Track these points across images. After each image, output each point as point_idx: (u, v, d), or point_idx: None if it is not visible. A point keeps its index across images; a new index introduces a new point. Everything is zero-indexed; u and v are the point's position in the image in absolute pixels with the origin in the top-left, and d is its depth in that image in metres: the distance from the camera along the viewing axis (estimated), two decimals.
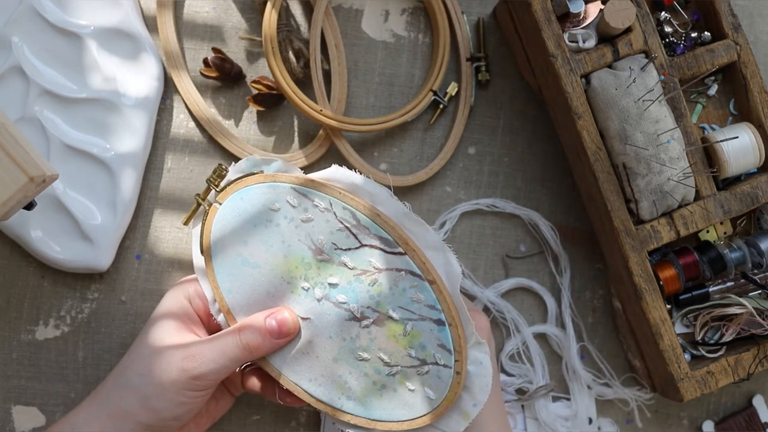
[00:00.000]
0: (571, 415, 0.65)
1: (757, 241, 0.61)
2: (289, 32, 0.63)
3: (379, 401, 0.54)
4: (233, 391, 0.60)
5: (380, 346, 0.54)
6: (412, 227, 0.54)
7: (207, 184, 0.56)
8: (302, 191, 0.54)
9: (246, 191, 0.55)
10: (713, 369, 0.60)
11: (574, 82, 0.58)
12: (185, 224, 0.58)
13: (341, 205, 0.53)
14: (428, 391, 0.54)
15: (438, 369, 0.53)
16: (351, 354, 0.54)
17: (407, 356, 0.54)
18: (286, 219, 0.54)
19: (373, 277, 0.53)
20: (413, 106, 0.64)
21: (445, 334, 0.53)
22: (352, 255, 0.54)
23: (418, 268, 0.53)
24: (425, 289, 0.53)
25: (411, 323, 0.53)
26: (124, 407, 0.53)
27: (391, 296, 0.53)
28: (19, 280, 0.64)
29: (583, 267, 0.67)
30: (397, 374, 0.54)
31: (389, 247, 0.53)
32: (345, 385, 0.55)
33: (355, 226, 0.53)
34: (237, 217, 0.55)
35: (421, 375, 0.54)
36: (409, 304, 0.53)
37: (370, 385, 0.54)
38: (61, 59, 0.61)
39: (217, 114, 0.65)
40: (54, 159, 0.61)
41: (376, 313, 0.54)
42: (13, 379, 0.64)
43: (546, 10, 0.58)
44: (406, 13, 0.67)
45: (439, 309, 0.53)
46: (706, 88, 0.64)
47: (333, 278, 0.54)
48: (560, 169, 0.67)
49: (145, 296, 0.65)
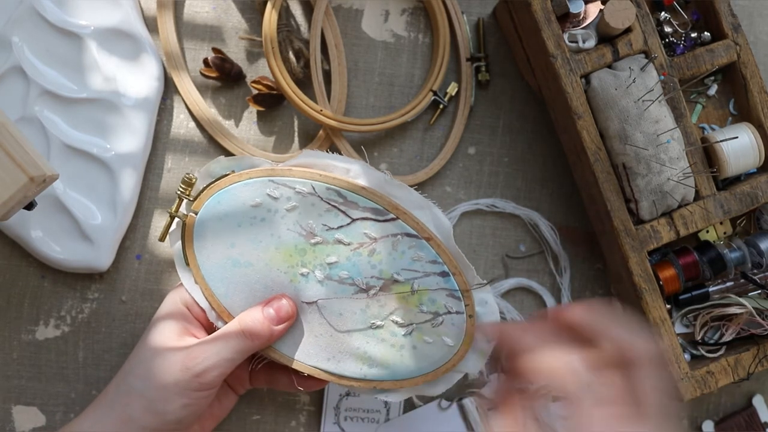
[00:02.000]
0: None
1: (757, 241, 0.61)
2: (289, 32, 0.63)
3: (401, 361, 0.56)
4: (238, 390, 0.60)
5: (392, 310, 0.55)
6: (395, 192, 0.55)
7: (177, 195, 0.55)
8: (281, 182, 0.54)
9: (222, 194, 0.55)
10: (713, 369, 0.60)
11: (574, 82, 0.58)
12: (161, 240, 0.57)
13: (324, 186, 0.54)
14: (446, 340, 0.55)
15: (451, 317, 0.55)
16: (364, 324, 0.55)
17: (419, 312, 0.55)
18: (270, 212, 0.54)
19: (370, 247, 0.54)
20: (413, 106, 0.64)
21: (451, 284, 0.55)
22: (346, 231, 0.54)
23: (412, 229, 0.54)
24: (424, 247, 0.54)
25: (417, 281, 0.55)
26: (128, 413, 0.53)
27: (392, 261, 0.55)
28: (19, 280, 0.64)
29: (583, 267, 0.67)
30: (414, 332, 0.55)
31: (380, 215, 0.54)
32: (365, 355, 0.56)
33: (343, 203, 0.54)
34: (218, 222, 0.55)
35: (436, 326, 0.55)
36: (412, 264, 0.55)
37: (389, 348, 0.56)
38: (62, 59, 0.61)
39: (217, 114, 0.65)
40: (54, 159, 0.61)
41: (381, 280, 0.55)
42: (14, 379, 0.64)
43: (546, 11, 0.58)
44: (406, 13, 0.67)
45: (441, 262, 0.55)
46: (706, 88, 0.64)
47: (331, 257, 0.55)
48: (560, 169, 0.67)
49: (145, 296, 0.65)
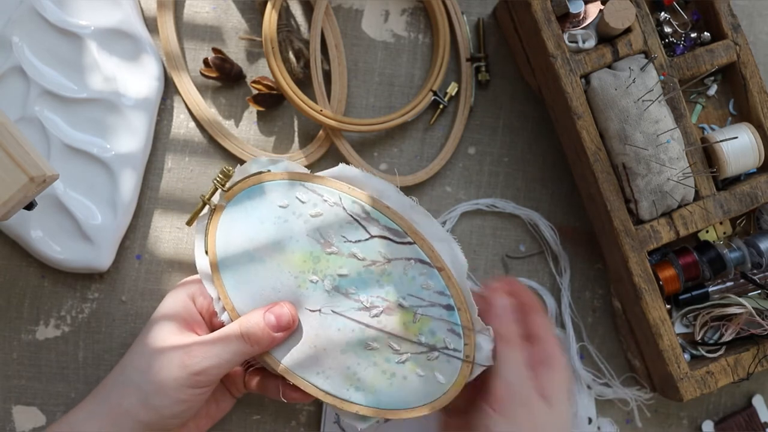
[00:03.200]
0: (571, 414, 0.65)
1: (757, 241, 0.61)
2: (289, 32, 0.63)
3: (388, 389, 0.55)
4: (234, 393, 0.60)
5: (390, 335, 0.54)
6: (419, 219, 0.55)
7: (213, 184, 0.56)
8: (311, 187, 0.55)
9: (253, 190, 0.55)
10: (713, 369, 0.60)
11: (574, 82, 0.58)
12: (188, 224, 0.58)
13: (350, 199, 0.54)
14: (438, 376, 0.54)
15: (448, 353, 0.54)
16: (360, 344, 0.55)
17: (417, 343, 0.54)
18: (294, 215, 0.55)
19: (382, 267, 0.54)
20: (413, 106, 0.64)
21: (454, 319, 0.54)
22: (362, 246, 0.54)
23: (426, 256, 0.54)
24: (434, 276, 0.54)
25: (421, 309, 0.54)
26: (125, 406, 0.53)
27: (401, 284, 0.54)
28: (19, 280, 0.64)
29: (583, 267, 0.67)
30: (407, 361, 0.54)
31: (398, 237, 0.54)
32: (354, 376, 0.55)
33: (365, 218, 0.54)
34: (244, 216, 0.55)
35: (431, 360, 0.54)
36: (419, 291, 0.54)
37: (379, 374, 0.55)
38: (62, 59, 0.61)
39: (218, 114, 0.65)
40: (54, 159, 0.61)
41: (386, 302, 0.54)
42: (14, 379, 0.64)
43: (546, 11, 0.58)
44: (406, 13, 0.67)
45: (448, 294, 0.54)
46: (706, 88, 0.64)
47: (343, 269, 0.55)
48: (560, 169, 0.67)
49: (146, 296, 0.65)
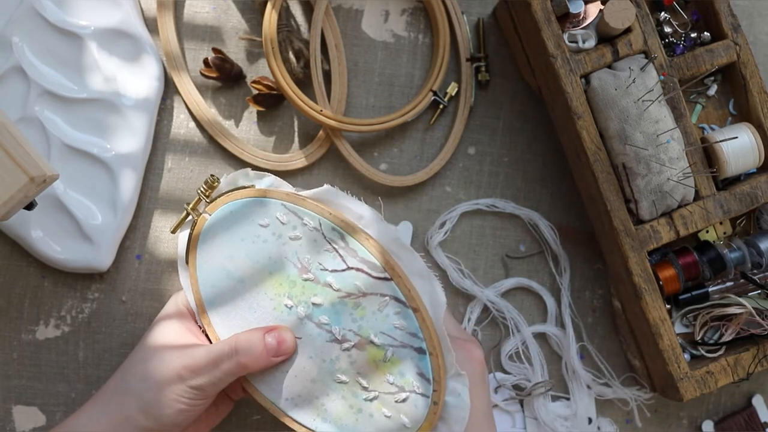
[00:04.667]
0: (571, 414, 0.65)
1: (757, 241, 0.61)
2: (289, 32, 0.63)
3: (354, 425, 0.54)
4: (232, 396, 0.60)
5: (359, 371, 0.53)
6: (400, 253, 0.53)
7: (197, 194, 0.55)
8: (292, 209, 0.53)
9: (236, 204, 0.54)
10: (713, 369, 0.60)
11: (574, 82, 0.58)
12: (173, 232, 0.57)
13: (330, 225, 0.53)
14: (404, 419, 0.53)
15: (416, 397, 0.52)
16: (330, 376, 0.54)
17: (386, 382, 0.53)
18: (274, 235, 0.54)
19: (357, 300, 0.53)
20: (413, 106, 0.64)
21: (425, 363, 0.52)
22: (338, 277, 0.53)
23: (402, 295, 0.52)
24: (408, 317, 0.52)
25: (392, 349, 0.52)
26: (125, 412, 0.54)
27: (374, 321, 0.53)
28: (19, 280, 0.64)
29: (583, 267, 0.67)
30: (375, 400, 0.53)
31: (375, 271, 0.52)
32: (321, 407, 0.54)
33: (343, 248, 0.53)
34: (225, 230, 0.55)
35: (398, 402, 0.53)
36: (392, 330, 0.52)
37: (346, 408, 0.54)
38: (62, 59, 0.61)
39: (218, 114, 0.65)
40: (54, 159, 0.61)
41: (358, 336, 0.53)
42: (14, 378, 0.64)
43: (546, 11, 0.58)
44: (406, 13, 0.67)
45: (420, 337, 0.52)
46: (706, 88, 0.64)
47: (317, 298, 0.53)
48: (560, 169, 0.67)
49: (146, 296, 0.65)
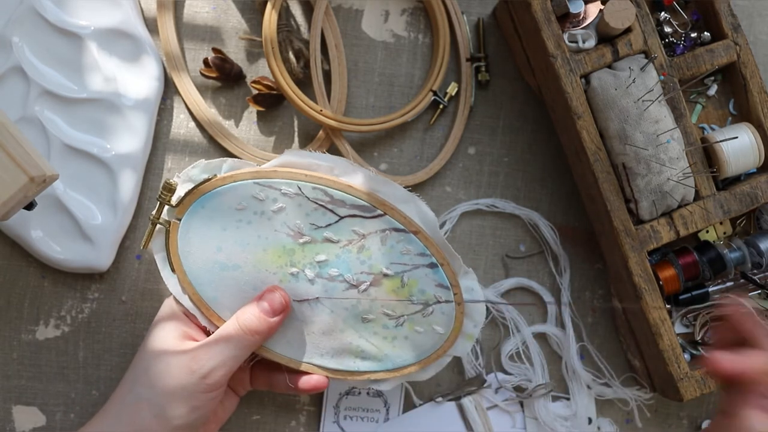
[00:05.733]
0: (571, 414, 0.65)
1: (757, 241, 0.61)
2: (289, 32, 0.63)
3: (393, 351, 0.57)
4: (239, 391, 0.60)
5: (383, 303, 0.56)
6: (381, 187, 0.56)
7: (158, 201, 0.55)
8: (266, 183, 0.54)
9: (206, 199, 0.54)
10: None
11: (574, 82, 0.58)
12: (144, 248, 0.56)
13: (310, 186, 0.54)
14: (437, 328, 0.57)
15: (441, 306, 0.56)
16: (356, 319, 0.56)
17: (410, 304, 0.56)
18: (255, 214, 0.55)
19: (359, 243, 0.55)
20: (413, 106, 0.64)
21: (440, 275, 0.56)
22: (334, 229, 0.55)
23: (400, 224, 0.55)
24: (412, 240, 0.55)
25: (407, 274, 0.56)
26: (138, 422, 0.53)
27: (382, 256, 0.55)
28: (19, 280, 0.64)
29: (583, 267, 0.67)
30: (405, 323, 0.56)
31: (368, 212, 0.55)
32: (357, 349, 0.57)
33: (330, 201, 0.55)
34: (203, 227, 0.55)
35: (426, 316, 0.56)
36: (400, 258, 0.56)
37: (381, 341, 0.57)
38: (62, 59, 0.61)
39: (217, 114, 0.65)
40: (54, 159, 0.61)
41: (371, 275, 0.56)
42: (14, 378, 0.64)
43: (546, 11, 0.58)
44: (406, 13, 0.67)
45: (429, 254, 0.56)
46: (706, 88, 0.64)
47: (320, 256, 0.55)
48: (560, 169, 0.67)
49: (145, 296, 0.65)
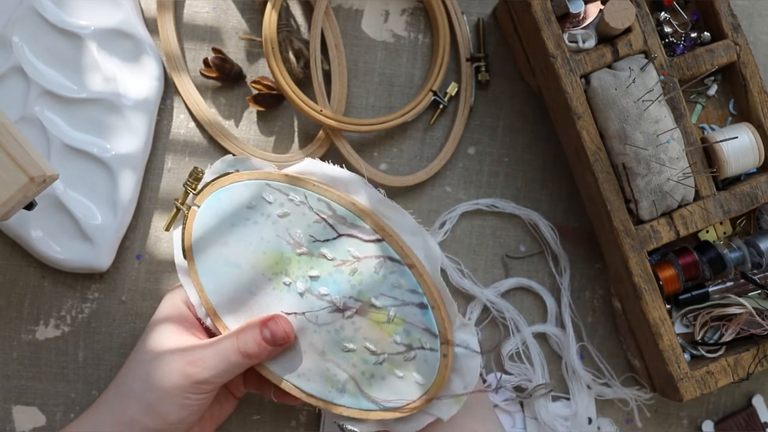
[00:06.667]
0: (571, 414, 0.65)
1: (757, 241, 0.61)
2: (289, 32, 0.63)
3: (369, 391, 0.54)
4: (236, 393, 0.60)
5: (365, 336, 0.54)
6: (388, 213, 0.53)
7: (184, 188, 0.56)
8: (277, 186, 0.54)
9: (222, 192, 0.55)
10: (713, 369, 0.60)
11: (574, 82, 0.58)
12: (166, 230, 0.57)
13: (316, 197, 0.53)
14: (416, 376, 0.53)
15: (425, 353, 0.53)
16: (337, 346, 0.54)
17: (393, 343, 0.53)
18: (263, 216, 0.54)
19: (353, 266, 0.53)
20: (413, 106, 0.64)
21: (428, 318, 0.53)
22: (331, 246, 0.53)
23: (396, 254, 0.52)
24: (405, 274, 0.52)
25: (394, 309, 0.53)
26: (128, 414, 0.53)
27: (372, 284, 0.53)
28: (19, 280, 0.64)
29: (583, 267, 0.67)
30: (385, 362, 0.54)
31: (366, 234, 0.53)
32: (334, 378, 0.54)
33: (332, 216, 0.53)
34: (215, 218, 0.55)
35: (408, 360, 0.53)
36: (391, 290, 0.53)
37: (358, 375, 0.54)
38: (62, 59, 0.61)
39: (217, 114, 0.65)
40: (54, 159, 0.61)
41: (359, 302, 0.53)
42: (14, 378, 0.64)
43: (546, 11, 0.58)
44: (406, 13, 0.67)
45: (420, 292, 0.52)
46: (706, 88, 0.64)
47: (314, 271, 0.54)
48: (560, 169, 0.67)
49: (146, 296, 0.65)
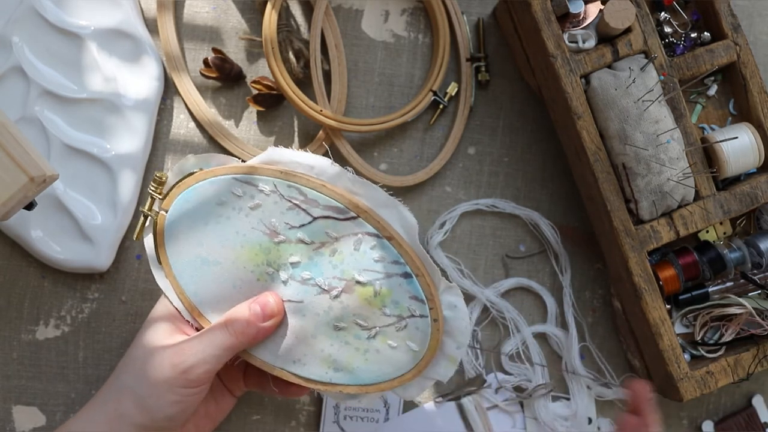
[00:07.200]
0: (571, 414, 0.65)
1: (757, 241, 0.61)
2: (289, 32, 0.63)
3: (365, 365, 0.54)
4: (234, 392, 0.60)
5: (355, 312, 0.54)
6: (359, 189, 0.53)
7: (149, 194, 0.55)
8: (244, 179, 0.53)
9: (189, 193, 0.54)
10: (713, 369, 0.60)
11: (574, 82, 0.58)
12: (136, 239, 0.57)
13: (285, 184, 0.53)
14: (410, 344, 0.54)
15: (415, 321, 0.53)
16: (328, 327, 0.54)
17: (383, 315, 0.53)
18: (234, 210, 0.54)
19: (332, 246, 0.53)
20: (413, 106, 0.64)
21: (414, 286, 0.53)
22: (307, 230, 0.53)
23: (374, 228, 0.53)
24: (386, 247, 0.53)
25: (379, 282, 0.53)
26: (120, 410, 0.54)
27: (354, 261, 0.53)
28: (19, 280, 0.64)
29: (583, 267, 0.67)
30: (377, 335, 0.54)
31: (341, 214, 0.53)
32: (329, 358, 0.54)
33: (304, 201, 0.53)
34: (186, 220, 0.55)
35: (400, 330, 0.54)
36: (373, 265, 0.53)
37: (353, 352, 0.54)
38: (62, 59, 0.61)
39: (217, 114, 0.65)
40: (54, 159, 0.61)
41: (343, 281, 0.53)
42: (14, 378, 0.64)
43: (546, 11, 0.58)
44: (406, 13, 0.67)
45: (403, 263, 0.53)
46: (706, 88, 0.64)
47: (294, 257, 0.54)
48: (560, 169, 0.67)
49: (145, 296, 0.65)
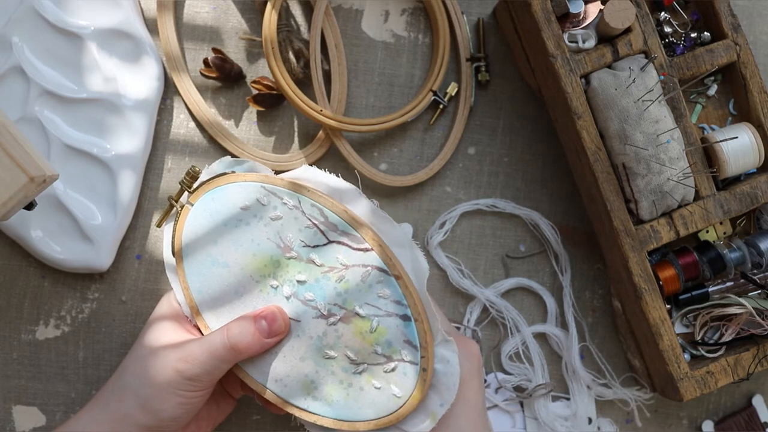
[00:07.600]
0: (571, 414, 0.65)
1: (757, 241, 0.61)
2: (289, 32, 0.63)
3: (345, 400, 0.54)
4: (234, 394, 0.60)
5: (347, 344, 0.53)
6: (380, 224, 0.54)
7: (180, 185, 0.56)
8: (271, 189, 0.54)
9: (217, 191, 0.55)
10: (713, 369, 0.60)
11: (574, 82, 0.58)
12: (158, 226, 0.57)
13: (309, 202, 0.53)
14: (394, 389, 0.53)
15: (404, 366, 0.52)
16: (318, 352, 0.54)
17: (374, 353, 0.53)
18: (255, 217, 0.54)
19: (340, 273, 0.53)
20: (413, 106, 0.64)
21: (410, 330, 0.52)
22: (320, 252, 0.53)
23: (384, 264, 0.52)
24: (391, 285, 0.52)
25: (377, 319, 0.53)
26: (123, 410, 0.54)
27: (358, 292, 0.53)
28: (19, 280, 0.64)
29: (583, 267, 0.67)
30: (364, 372, 0.53)
31: (355, 243, 0.53)
32: (311, 385, 0.54)
33: (323, 222, 0.53)
34: (208, 218, 0.55)
35: (387, 372, 0.53)
36: (376, 300, 0.53)
37: (336, 384, 0.54)
38: (62, 59, 0.62)
39: (217, 114, 0.65)
40: (54, 159, 0.61)
41: (343, 310, 0.53)
42: (14, 379, 0.64)
43: (546, 11, 0.58)
44: (406, 13, 0.67)
45: (405, 304, 0.52)
46: (706, 88, 0.64)
47: (301, 275, 0.54)
48: (560, 169, 0.67)
49: (145, 296, 0.65)
